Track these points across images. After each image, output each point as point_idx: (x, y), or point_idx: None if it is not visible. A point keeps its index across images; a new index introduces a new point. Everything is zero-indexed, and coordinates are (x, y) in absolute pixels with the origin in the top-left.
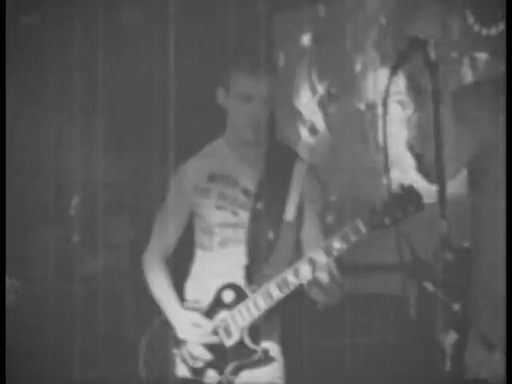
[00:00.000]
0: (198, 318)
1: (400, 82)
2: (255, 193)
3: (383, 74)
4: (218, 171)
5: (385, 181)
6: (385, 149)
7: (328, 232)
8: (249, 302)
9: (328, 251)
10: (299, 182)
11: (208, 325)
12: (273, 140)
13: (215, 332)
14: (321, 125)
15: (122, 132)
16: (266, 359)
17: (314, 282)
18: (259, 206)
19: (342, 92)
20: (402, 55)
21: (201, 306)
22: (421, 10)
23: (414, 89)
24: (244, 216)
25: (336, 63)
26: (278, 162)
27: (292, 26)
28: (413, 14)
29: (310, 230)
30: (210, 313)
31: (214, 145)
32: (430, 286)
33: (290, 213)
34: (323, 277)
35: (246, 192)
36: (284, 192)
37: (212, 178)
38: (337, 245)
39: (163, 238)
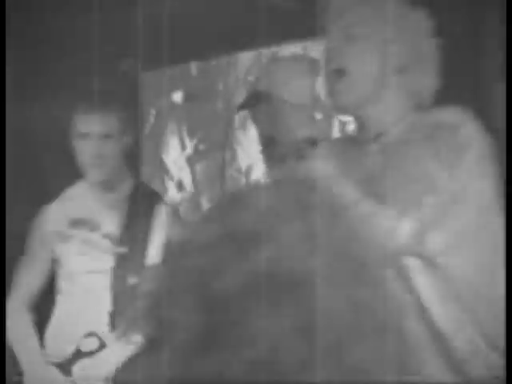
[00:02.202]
0: (53, 375)
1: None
2: (118, 237)
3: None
4: (80, 215)
5: None
6: None
7: None
8: (111, 347)
9: None
10: (163, 223)
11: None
12: (136, 182)
13: None
14: (188, 181)
15: None
16: None
17: None
18: (122, 250)
19: (210, 149)
20: (244, 102)
21: (61, 357)
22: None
23: (262, 139)
24: (107, 261)
25: (206, 121)
26: (141, 204)
27: (164, 82)
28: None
29: None
30: (70, 363)
31: (74, 188)
32: None
33: (152, 256)
34: None
35: (108, 236)
36: (148, 235)
37: (74, 222)
38: None
39: (25, 284)
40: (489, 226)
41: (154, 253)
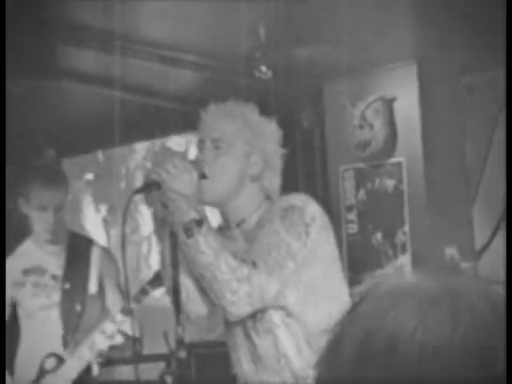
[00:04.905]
0: None
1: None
2: (62, 276)
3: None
4: (29, 265)
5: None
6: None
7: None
8: (68, 363)
9: (126, 312)
10: (97, 261)
11: None
12: (70, 233)
13: None
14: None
15: None
16: None
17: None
18: (66, 286)
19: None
20: (139, 188)
21: (28, 380)
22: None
23: (155, 220)
24: (56, 297)
25: (112, 198)
26: (78, 248)
27: (78, 166)
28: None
29: (113, 298)
30: (37, 381)
31: (23, 246)
32: None
33: (92, 287)
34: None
35: (54, 277)
36: (86, 272)
37: (25, 271)
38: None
39: None
40: (332, 280)
41: (93, 284)
